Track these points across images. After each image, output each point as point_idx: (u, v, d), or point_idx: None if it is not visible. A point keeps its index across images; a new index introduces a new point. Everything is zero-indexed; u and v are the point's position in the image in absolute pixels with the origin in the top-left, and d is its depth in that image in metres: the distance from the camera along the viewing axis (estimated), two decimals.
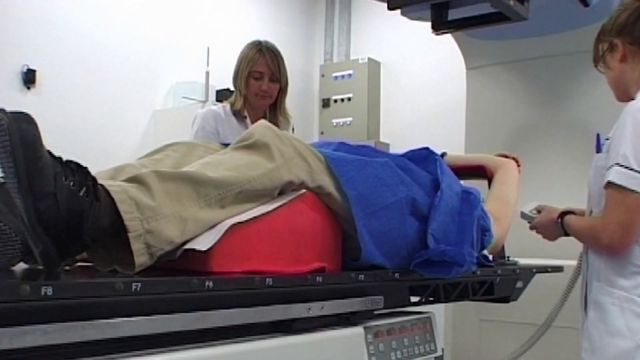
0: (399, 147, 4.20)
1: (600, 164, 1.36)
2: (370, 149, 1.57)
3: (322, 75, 4.27)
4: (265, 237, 1.11)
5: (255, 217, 1.09)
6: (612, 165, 1.27)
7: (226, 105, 2.24)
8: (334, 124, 4.14)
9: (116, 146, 3.42)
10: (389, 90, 4.18)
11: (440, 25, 1.90)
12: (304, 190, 1.22)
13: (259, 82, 2.19)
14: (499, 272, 1.71)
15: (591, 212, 1.44)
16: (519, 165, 2.01)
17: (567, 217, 1.48)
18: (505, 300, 1.84)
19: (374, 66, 4.12)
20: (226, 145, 1.39)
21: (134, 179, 1.02)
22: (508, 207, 1.88)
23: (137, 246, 0.96)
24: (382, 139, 4.15)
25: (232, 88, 3.67)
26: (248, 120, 2.20)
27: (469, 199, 1.59)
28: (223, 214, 1.07)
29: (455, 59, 2.88)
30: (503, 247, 1.97)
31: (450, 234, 1.47)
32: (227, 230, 1.04)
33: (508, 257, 2.05)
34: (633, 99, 1.40)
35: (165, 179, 1.03)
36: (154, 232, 0.97)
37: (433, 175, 1.57)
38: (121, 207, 0.95)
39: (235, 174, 1.10)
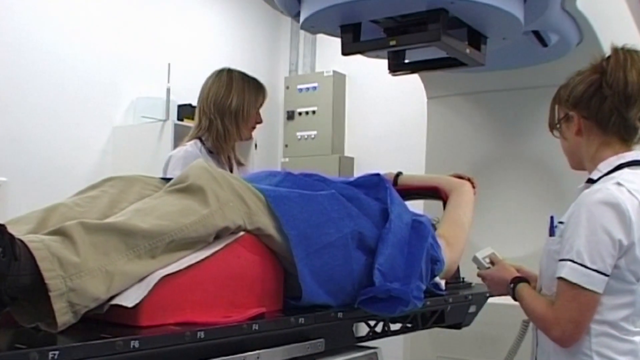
0: (364, 161, 4.23)
1: (553, 248, 1.34)
2: (317, 179, 1.55)
3: (287, 87, 4.24)
4: (199, 285, 1.09)
5: (188, 266, 1.07)
6: (566, 260, 1.25)
7: (196, 142, 2.10)
8: (299, 137, 4.12)
9: (74, 164, 3.34)
10: (354, 103, 4.17)
11: (397, 67, 1.91)
12: (242, 233, 1.20)
13: (257, 115, 2.18)
14: (450, 300, 1.71)
15: (541, 288, 1.43)
16: (474, 187, 2.01)
17: (520, 287, 1.44)
18: (457, 326, 1.84)
19: (339, 79, 4.11)
20: (166, 179, 1.36)
21: (59, 231, 0.99)
22: (462, 231, 1.87)
23: (59, 305, 0.93)
24: (346, 153, 4.14)
25: (193, 104, 3.64)
26: (223, 160, 2.12)
27: (419, 229, 1.58)
28: (154, 264, 1.04)
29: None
30: (458, 269, 1.97)
31: (398, 267, 1.46)
32: (157, 283, 1.02)
33: (463, 278, 2.06)
34: (585, 169, 1.41)
35: (91, 230, 1.01)
36: (77, 290, 0.94)
37: (383, 204, 1.56)
38: (42, 265, 0.92)
39: (167, 222, 1.07)
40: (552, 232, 1.40)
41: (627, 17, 2.32)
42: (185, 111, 3.52)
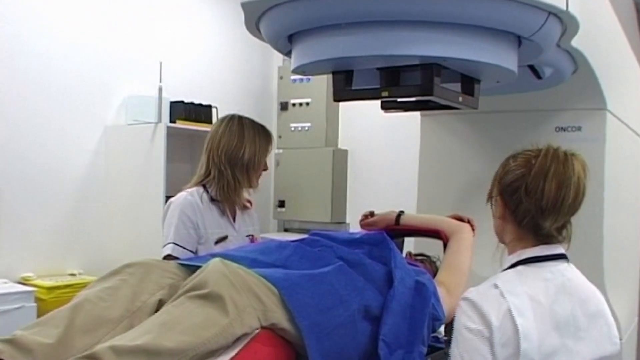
0: (357, 154, 4.24)
1: None
2: (324, 245, 1.60)
3: (281, 77, 4.19)
4: None
5: None
6: None
7: (198, 189, 2.08)
8: (292, 129, 4.10)
9: (66, 165, 3.32)
10: None
11: (390, 104, 1.90)
12: (257, 331, 1.25)
13: (265, 163, 2.15)
14: (449, 351, 1.78)
15: None
16: (473, 229, 2.06)
17: None
18: None
19: None
20: (182, 265, 1.41)
21: (91, 357, 1.04)
22: (461, 277, 1.92)
23: None
24: (340, 146, 4.15)
25: (186, 100, 3.60)
26: (228, 212, 2.11)
27: (422, 291, 1.63)
28: None
29: None
30: None
31: (402, 334, 1.52)
32: None
33: None
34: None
35: (121, 353, 1.06)
36: None
37: (385, 264, 1.62)
38: None
39: (191, 338, 1.12)
40: None
41: (625, 49, 2.33)
42: (177, 110, 3.49)
